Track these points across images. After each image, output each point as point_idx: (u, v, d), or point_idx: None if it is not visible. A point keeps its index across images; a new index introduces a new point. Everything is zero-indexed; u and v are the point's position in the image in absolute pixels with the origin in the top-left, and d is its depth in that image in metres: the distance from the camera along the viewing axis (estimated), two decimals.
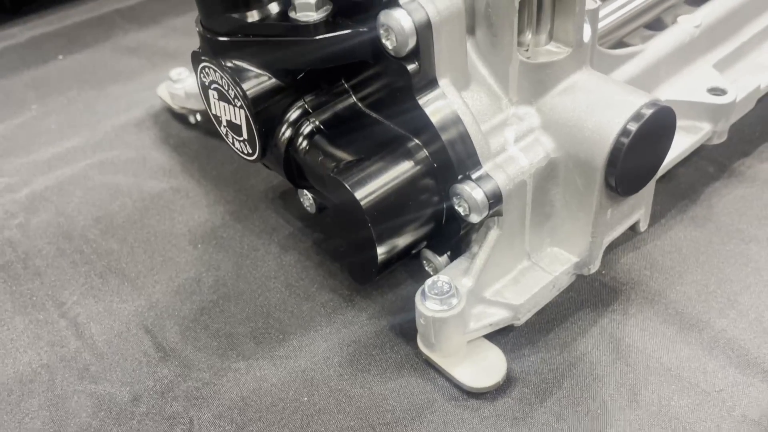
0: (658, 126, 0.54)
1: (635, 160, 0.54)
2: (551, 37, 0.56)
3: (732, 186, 0.76)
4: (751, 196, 0.74)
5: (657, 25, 0.82)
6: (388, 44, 0.50)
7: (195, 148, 0.88)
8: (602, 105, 0.54)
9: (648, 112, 0.53)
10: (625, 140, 0.53)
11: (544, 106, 0.56)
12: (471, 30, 0.57)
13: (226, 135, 0.61)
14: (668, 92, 0.72)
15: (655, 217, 0.72)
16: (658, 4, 0.78)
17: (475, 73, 0.57)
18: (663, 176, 0.74)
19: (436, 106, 0.53)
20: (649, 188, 0.61)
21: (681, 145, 0.71)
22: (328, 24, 0.52)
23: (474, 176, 0.53)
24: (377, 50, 0.51)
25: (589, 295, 0.65)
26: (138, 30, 1.17)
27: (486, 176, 0.54)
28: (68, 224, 0.77)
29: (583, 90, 0.55)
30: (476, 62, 0.57)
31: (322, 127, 0.57)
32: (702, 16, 0.75)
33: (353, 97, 0.58)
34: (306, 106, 0.57)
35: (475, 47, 0.57)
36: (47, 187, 0.83)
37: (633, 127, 0.53)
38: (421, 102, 0.52)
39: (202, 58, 0.56)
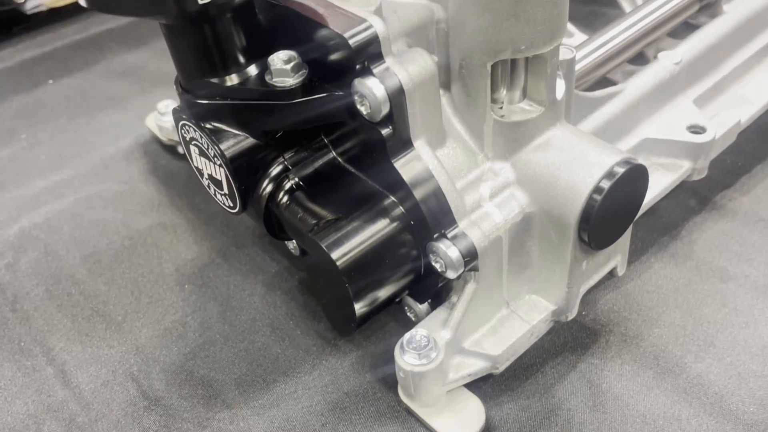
0: (630, 183, 0.55)
1: (608, 216, 0.55)
2: (525, 94, 0.56)
3: (713, 220, 0.77)
4: (731, 232, 0.75)
5: (639, 60, 0.83)
6: (363, 110, 0.51)
7: (183, 180, 0.89)
8: (575, 163, 0.54)
9: (620, 170, 0.54)
10: (598, 197, 0.53)
11: (518, 161, 0.57)
12: (447, 86, 0.58)
13: (208, 187, 0.62)
14: (648, 131, 0.73)
15: (636, 254, 0.73)
16: (640, 40, 0.79)
17: (451, 129, 0.57)
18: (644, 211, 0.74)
19: (410, 167, 0.53)
20: (626, 236, 0.62)
21: (661, 183, 0.72)
22: (305, 88, 0.52)
23: (449, 234, 0.54)
24: (353, 111, 0.52)
25: (568, 338, 0.66)
26: (128, 52, 1.18)
27: (461, 234, 0.54)
28: (56, 264, 0.78)
29: (557, 147, 0.56)
30: (452, 118, 0.58)
31: (301, 183, 0.58)
32: (682, 52, 0.76)
33: (333, 152, 0.59)
34: (286, 162, 0.58)
35: (451, 103, 0.58)
36: (36, 224, 0.84)
37: (605, 184, 0.53)
38: (395, 164, 0.53)
39: (182, 116, 0.57)
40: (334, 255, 0.52)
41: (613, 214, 0.56)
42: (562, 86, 0.57)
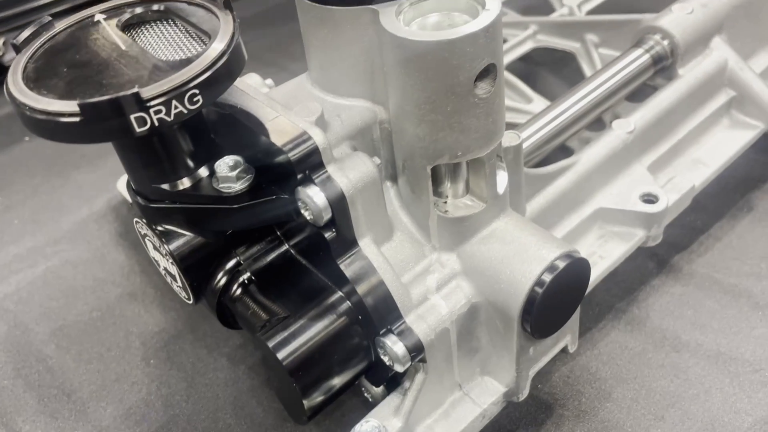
0: (571, 276, 0.56)
1: (550, 308, 0.56)
2: (468, 188, 0.58)
3: (669, 285, 0.78)
4: (687, 296, 0.76)
5: (597, 125, 0.84)
6: (306, 215, 0.53)
7: None
8: (517, 257, 0.56)
9: (561, 264, 0.55)
10: (539, 290, 0.55)
11: (464, 253, 0.58)
12: (394, 179, 0.59)
13: (165, 276, 0.63)
14: (601, 201, 0.74)
15: (593, 320, 0.75)
16: (596, 108, 0.80)
17: (398, 222, 0.59)
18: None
19: (355, 267, 0.55)
20: (574, 316, 0.63)
21: (615, 252, 0.73)
22: (251, 192, 0.54)
23: (396, 330, 0.56)
24: (299, 213, 0.53)
25: (523, 412, 0.67)
26: None
27: (407, 329, 0.56)
28: (25, 338, 0.80)
29: (500, 240, 0.57)
30: (399, 211, 0.59)
31: (253, 277, 0.59)
32: (635, 120, 0.77)
33: (285, 244, 0.60)
34: (239, 257, 0.59)
35: (398, 196, 0.59)
36: (6, 295, 0.85)
37: (546, 278, 0.55)
38: (340, 264, 0.54)
39: (135, 215, 0.58)
40: (281, 355, 0.54)
41: (555, 306, 0.57)
42: (504, 180, 0.58)
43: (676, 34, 0.80)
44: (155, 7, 0.54)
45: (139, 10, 0.53)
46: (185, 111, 0.46)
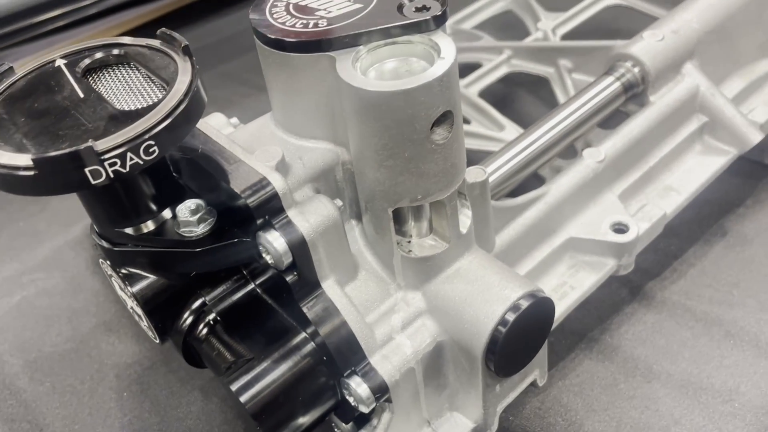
0: (535, 315, 0.56)
1: (514, 347, 0.57)
2: (431, 228, 0.58)
3: (642, 312, 0.78)
4: (660, 324, 0.77)
5: (570, 152, 0.84)
6: (267, 259, 0.53)
7: None
8: (480, 297, 0.56)
9: (525, 303, 0.55)
10: (503, 329, 0.55)
11: (428, 291, 0.58)
12: (359, 217, 0.60)
13: (133, 315, 0.63)
14: (572, 230, 0.74)
15: (566, 350, 0.75)
16: (568, 136, 0.81)
17: (363, 261, 0.59)
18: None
19: (317, 309, 0.55)
20: (543, 350, 0.63)
21: (586, 282, 0.73)
22: (214, 235, 0.54)
23: (360, 371, 0.56)
24: (261, 255, 0.54)
25: None
26: None
27: (372, 370, 0.56)
28: (0, 370, 0.79)
29: (464, 279, 0.57)
30: (364, 250, 0.59)
31: (219, 318, 0.59)
32: (605, 149, 0.77)
33: (252, 283, 0.60)
34: (204, 297, 0.59)
35: (363, 235, 0.59)
36: None
37: (510, 317, 0.55)
38: (303, 306, 0.54)
39: (100, 255, 0.58)
40: (244, 399, 0.54)
41: (520, 345, 0.57)
42: (468, 219, 0.58)
43: (647, 62, 0.81)
44: (115, 51, 0.54)
45: (99, 54, 0.53)
46: (141, 162, 0.46)
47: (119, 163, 0.45)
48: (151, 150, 0.46)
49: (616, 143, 0.78)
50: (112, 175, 0.45)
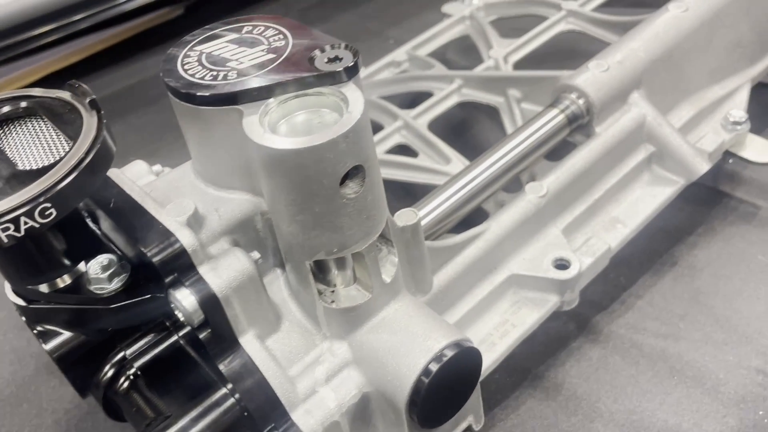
0: (461, 365, 0.55)
1: (440, 397, 0.56)
2: (355, 277, 0.57)
3: (588, 347, 0.77)
4: (604, 360, 0.76)
5: (515, 184, 0.83)
6: (180, 317, 0.51)
7: None
8: (404, 347, 0.55)
9: (449, 353, 0.54)
10: (425, 380, 0.54)
11: (354, 341, 0.57)
12: (283, 266, 0.58)
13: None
14: (513, 267, 0.73)
15: (510, 388, 0.74)
16: (512, 169, 0.80)
17: (287, 311, 0.58)
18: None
19: (234, 366, 0.54)
20: (476, 394, 0.62)
21: (528, 320, 0.72)
22: (127, 291, 0.53)
23: (281, 428, 0.54)
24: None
25: None
26: None
27: (292, 426, 0.55)
28: None
29: (389, 330, 0.56)
30: (288, 300, 0.58)
31: (139, 372, 0.58)
32: (548, 183, 0.76)
33: (175, 334, 0.59)
34: (124, 351, 0.58)
35: (287, 284, 0.58)
36: None
37: (433, 367, 0.54)
38: (219, 364, 0.53)
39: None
40: None
41: (446, 395, 0.56)
42: (393, 267, 0.57)
43: (591, 93, 0.80)
44: (23, 104, 0.52)
45: (6, 108, 0.52)
46: (36, 225, 0.45)
47: (12, 228, 0.44)
48: (47, 213, 0.45)
49: (559, 177, 0.77)
50: (6, 240, 0.44)
